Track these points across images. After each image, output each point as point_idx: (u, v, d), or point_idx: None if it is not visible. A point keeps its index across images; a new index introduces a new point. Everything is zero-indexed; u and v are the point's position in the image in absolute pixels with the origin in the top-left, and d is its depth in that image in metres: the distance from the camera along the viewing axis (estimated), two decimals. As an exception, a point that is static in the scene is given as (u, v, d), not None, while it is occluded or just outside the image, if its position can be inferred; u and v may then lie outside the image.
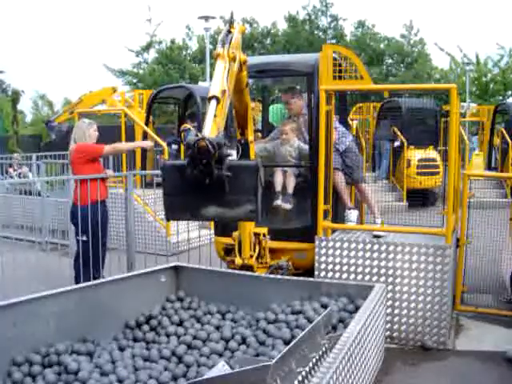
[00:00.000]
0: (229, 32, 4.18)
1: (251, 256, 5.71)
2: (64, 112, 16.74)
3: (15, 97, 30.61)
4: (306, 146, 6.43)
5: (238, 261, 5.71)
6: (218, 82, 3.66)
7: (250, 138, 5.27)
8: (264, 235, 5.81)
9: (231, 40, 4.06)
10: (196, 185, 3.24)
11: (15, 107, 30.24)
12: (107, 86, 16.00)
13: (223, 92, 3.57)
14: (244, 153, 5.40)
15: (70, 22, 73.85)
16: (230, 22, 4.30)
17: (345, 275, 5.76)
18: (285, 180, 6.43)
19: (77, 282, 6.51)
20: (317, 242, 5.86)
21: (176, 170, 3.34)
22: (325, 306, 4.78)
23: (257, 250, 5.79)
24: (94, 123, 7.03)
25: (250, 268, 5.64)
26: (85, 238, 6.57)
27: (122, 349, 4.45)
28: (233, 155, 4.57)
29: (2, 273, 6.05)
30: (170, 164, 3.49)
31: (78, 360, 4.02)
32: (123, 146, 6.64)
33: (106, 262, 6.90)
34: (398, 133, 15.37)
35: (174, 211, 3.44)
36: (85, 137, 6.84)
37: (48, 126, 16.28)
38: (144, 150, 12.05)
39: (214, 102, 3.47)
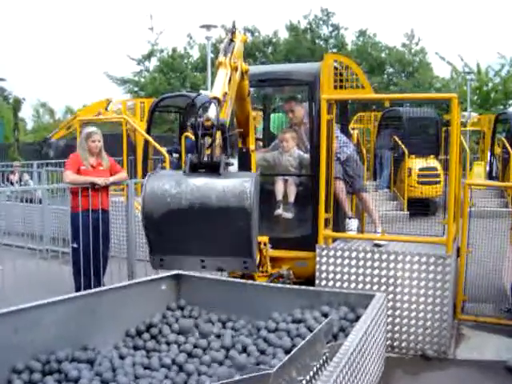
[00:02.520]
0: (231, 41, 4.21)
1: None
2: (61, 128, 16.85)
3: (16, 104, 30.72)
4: (307, 155, 6.45)
5: None
6: (219, 86, 3.69)
7: (252, 146, 5.30)
8: (265, 244, 5.81)
9: (233, 49, 4.08)
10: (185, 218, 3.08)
11: (16, 115, 30.34)
12: (101, 98, 16.04)
13: (224, 94, 3.59)
14: (245, 161, 5.42)
15: (72, 30, 74.11)
16: (232, 32, 4.33)
17: (345, 284, 5.76)
18: (286, 189, 6.43)
19: (77, 290, 6.52)
20: (318, 251, 5.86)
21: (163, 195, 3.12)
22: (325, 315, 4.78)
23: (258, 259, 5.78)
24: (96, 133, 7.04)
25: (250, 277, 5.65)
26: (75, 245, 6.67)
27: (122, 357, 4.43)
28: (233, 163, 4.53)
29: (2, 280, 6.06)
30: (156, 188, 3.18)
31: (78, 368, 4.02)
32: (79, 178, 6.75)
33: (107, 270, 6.91)
34: (399, 142, 15.38)
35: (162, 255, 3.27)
36: (81, 146, 7.03)
37: (46, 144, 16.38)
38: (145, 158, 12.06)
39: (214, 104, 3.51)
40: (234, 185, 3.09)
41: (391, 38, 68.20)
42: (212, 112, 3.43)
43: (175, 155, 12.13)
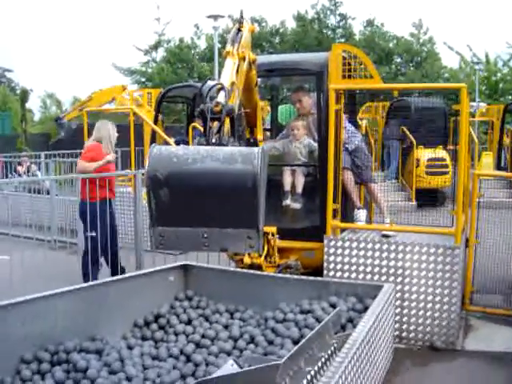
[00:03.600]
0: (238, 31, 4.19)
1: (260, 255, 5.70)
2: (74, 109, 16.76)
3: (24, 95, 30.74)
4: (316, 144, 6.42)
5: (247, 260, 5.71)
6: (227, 75, 3.68)
7: (259, 137, 5.28)
8: (273, 234, 5.80)
9: (241, 39, 4.06)
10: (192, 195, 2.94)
11: (24, 106, 30.37)
12: (117, 84, 16.07)
13: (232, 84, 3.57)
14: None
15: (79, 20, 74.04)
16: (240, 21, 4.31)
17: (354, 275, 5.75)
18: (294, 179, 6.41)
19: (85, 279, 6.56)
20: (326, 242, 5.85)
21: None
22: (333, 306, 4.77)
23: (265, 250, 5.78)
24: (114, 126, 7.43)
25: (258, 267, 5.64)
26: (93, 234, 6.76)
27: (130, 347, 4.44)
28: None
29: (10, 271, 6.07)
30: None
31: (86, 358, 4.02)
32: (91, 165, 6.95)
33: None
34: (407, 132, 15.32)
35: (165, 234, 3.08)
36: (109, 140, 7.31)
37: (58, 123, 16.30)
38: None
39: (222, 92, 3.48)
40: (242, 149, 3.02)
41: (399, 27, 67.99)
42: (221, 97, 3.42)
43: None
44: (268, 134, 7.86)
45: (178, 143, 11.33)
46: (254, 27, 4.63)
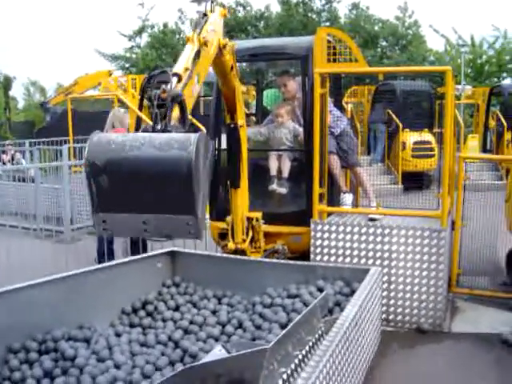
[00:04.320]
0: (204, 15, 4.16)
1: (244, 240, 5.69)
2: (59, 94, 16.62)
3: (7, 83, 30.48)
4: (301, 129, 6.40)
5: (231, 245, 5.71)
6: (181, 62, 3.65)
7: (240, 122, 5.23)
8: (257, 219, 5.78)
9: (204, 24, 4.02)
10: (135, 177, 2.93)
11: (7, 94, 30.13)
12: (101, 70, 15.94)
13: (186, 69, 3.54)
14: (234, 138, 5.38)
15: (62, 6, 73.31)
16: (211, 6, 4.30)
17: (340, 258, 5.76)
18: (280, 164, 6.41)
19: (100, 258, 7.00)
20: (312, 226, 5.85)
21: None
22: (321, 290, 4.78)
23: (250, 235, 5.77)
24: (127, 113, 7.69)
25: (242, 252, 5.64)
26: None
27: (118, 334, 4.43)
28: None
29: (-4, 260, 6.05)
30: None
31: (74, 346, 4.00)
32: None
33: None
34: (393, 116, 15.34)
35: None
36: (123, 124, 7.59)
37: (43, 108, 16.18)
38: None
39: (175, 78, 3.45)
40: (179, 135, 3.00)
41: (384, 10, 67.68)
42: (170, 86, 3.40)
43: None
44: (253, 118, 7.83)
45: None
46: (225, 11, 4.59)
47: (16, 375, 3.81)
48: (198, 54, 3.81)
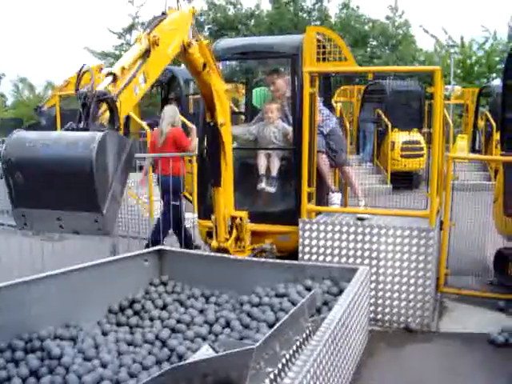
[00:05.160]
0: (163, 14, 4.15)
1: (227, 239, 5.67)
2: (53, 96, 16.55)
3: (-5, 80, 30.30)
4: (291, 128, 6.40)
5: (214, 244, 5.70)
6: (119, 62, 3.63)
7: (220, 120, 5.19)
8: (241, 219, 5.74)
9: (158, 23, 4.00)
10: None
11: (-5, 90, 29.95)
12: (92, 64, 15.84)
13: (122, 69, 3.53)
14: (213, 136, 5.36)
15: (51, 3, 72.91)
16: (177, 5, 4.34)
17: (329, 258, 5.76)
18: (269, 163, 6.40)
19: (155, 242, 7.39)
20: (300, 225, 5.84)
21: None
22: (309, 289, 4.78)
23: (234, 234, 5.73)
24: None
25: (225, 251, 5.61)
26: (177, 203, 7.99)
27: (105, 333, 4.42)
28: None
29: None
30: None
31: (61, 345, 3.98)
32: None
33: (90, 247, 6.95)
34: (382, 115, 15.37)
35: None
36: (176, 122, 8.32)
37: (38, 112, 16.12)
38: (127, 133, 11.98)
39: (109, 78, 3.45)
40: (86, 135, 3.05)
41: (375, 10, 67.76)
42: (101, 85, 3.40)
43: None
44: (243, 117, 7.82)
45: (151, 126, 11.26)
46: (194, 10, 4.57)
47: (2, 374, 3.77)
48: (147, 54, 3.79)
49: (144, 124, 10.72)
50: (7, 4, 70.68)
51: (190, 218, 8.97)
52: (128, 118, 11.73)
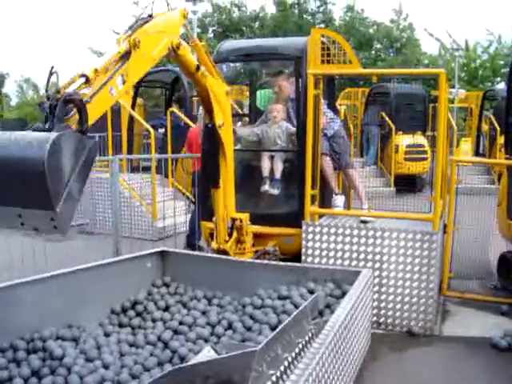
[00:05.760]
0: (149, 16, 4.15)
1: (226, 241, 5.66)
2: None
3: (-1, 80, 30.37)
4: (295, 129, 6.39)
5: (214, 245, 5.69)
6: (95, 63, 3.63)
7: (219, 122, 5.18)
8: (241, 220, 5.73)
9: (141, 25, 4.00)
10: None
11: (0, 91, 30.02)
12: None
13: (95, 71, 3.53)
14: (212, 137, 5.36)
15: (55, 3, 73.06)
16: (168, 8, 4.36)
17: (332, 260, 5.75)
18: (272, 165, 6.39)
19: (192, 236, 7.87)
20: (304, 227, 5.83)
21: None
22: (312, 292, 4.77)
23: (234, 236, 5.72)
24: None
25: (224, 253, 5.61)
26: None
27: (107, 334, 4.41)
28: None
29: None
30: None
31: (63, 346, 3.98)
32: None
33: (93, 247, 6.96)
34: (386, 118, 15.36)
35: None
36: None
37: (41, 108, 16.13)
38: (130, 134, 11.99)
39: (81, 79, 3.46)
40: (42, 135, 3.11)
41: (379, 13, 67.74)
42: (72, 86, 3.42)
43: (161, 130, 12.04)
44: (246, 119, 7.82)
45: (155, 127, 11.28)
46: (185, 11, 4.58)
47: (3, 374, 3.77)
48: (127, 56, 3.79)
49: (147, 125, 10.72)
50: (11, 4, 70.86)
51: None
52: (132, 119, 11.74)
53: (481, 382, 4.67)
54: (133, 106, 11.97)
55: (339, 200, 6.49)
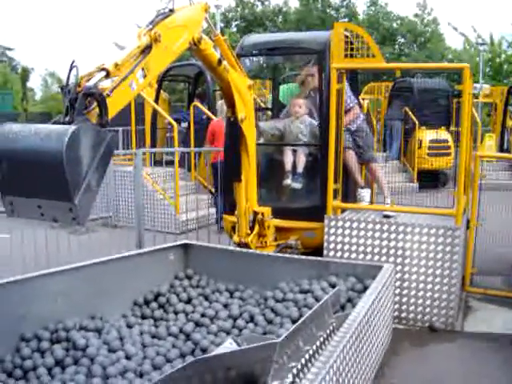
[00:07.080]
0: (170, 11, 4.15)
1: (248, 234, 5.67)
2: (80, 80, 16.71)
3: (24, 74, 30.66)
4: (317, 123, 6.38)
5: (235, 238, 5.71)
6: (114, 58, 3.64)
7: (241, 115, 5.19)
8: (263, 214, 5.73)
9: (162, 19, 4.00)
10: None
11: (24, 85, 30.29)
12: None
13: (115, 65, 3.54)
14: (234, 131, 5.37)
15: (81, -1, 73.50)
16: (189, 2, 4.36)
17: (354, 255, 5.74)
18: (295, 159, 6.39)
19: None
20: (326, 222, 5.83)
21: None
22: (333, 286, 4.77)
23: (256, 229, 5.73)
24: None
25: (246, 246, 5.62)
26: None
27: (130, 326, 4.46)
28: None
29: (11, 250, 6.08)
30: None
31: (86, 336, 4.03)
32: None
33: (116, 240, 7.01)
34: (410, 113, 15.26)
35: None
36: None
37: (64, 92, 16.28)
38: (153, 128, 12.06)
39: (101, 73, 3.47)
40: (61, 128, 3.15)
41: (403, 7, 67.32)
42: (92, 80, 3.43)
43: (184, 124, 12.08)
44: (269, 113, 7.82)
45: (178, 121, 11.32)
46: (206, 6, 4.58)
47: (28, 363, 3.84)
48: (148, 50, 3.80)
49: (171, 119, 10.78)
50: (36, 0, 71.44)
51: (215, 213, 9.04)
52: (155, 113, 11.80)
53: (503, 378, 4.63)
54: (156, 100, 12.02)
55: (365, 193, 6.46)
